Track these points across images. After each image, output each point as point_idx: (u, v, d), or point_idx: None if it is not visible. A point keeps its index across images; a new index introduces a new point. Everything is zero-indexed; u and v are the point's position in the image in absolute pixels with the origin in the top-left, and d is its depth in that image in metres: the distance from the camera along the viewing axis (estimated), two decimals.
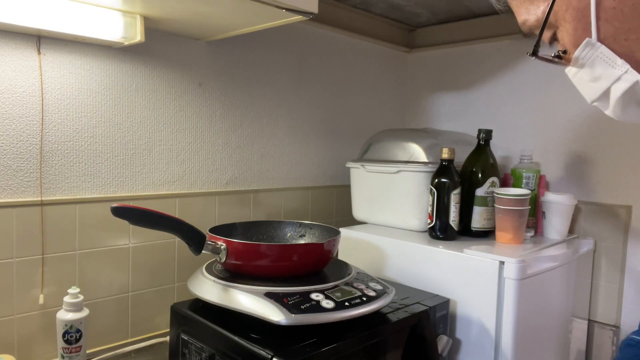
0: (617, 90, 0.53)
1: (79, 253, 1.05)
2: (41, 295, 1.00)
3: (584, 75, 0.56)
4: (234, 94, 1.32)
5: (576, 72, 0.57)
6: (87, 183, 1.07)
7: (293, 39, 1.46)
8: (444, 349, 1.01)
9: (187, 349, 0.90)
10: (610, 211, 1.38)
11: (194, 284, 0.93)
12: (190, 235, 0.87)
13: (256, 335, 0.79)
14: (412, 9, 1.59)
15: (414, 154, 1.32)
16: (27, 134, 0.98)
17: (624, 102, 0.54)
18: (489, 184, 1.24)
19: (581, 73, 0.56)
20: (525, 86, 1.54)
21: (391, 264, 1.24)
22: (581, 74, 0.56)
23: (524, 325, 1.06)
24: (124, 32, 0.99)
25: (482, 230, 1.25)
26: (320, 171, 1.58)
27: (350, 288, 0.89)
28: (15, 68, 0.96)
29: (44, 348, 1.01)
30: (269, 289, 0.84)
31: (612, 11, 0.50)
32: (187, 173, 1.24)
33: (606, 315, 1.40)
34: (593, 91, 0.57)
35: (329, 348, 0.77)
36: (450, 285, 1.11)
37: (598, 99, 0.57)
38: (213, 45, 1.26)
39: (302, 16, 0.95)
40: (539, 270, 1.10)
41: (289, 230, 1.16)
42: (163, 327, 1.17)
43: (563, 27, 0.55)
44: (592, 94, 0.57)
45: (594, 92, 0.56)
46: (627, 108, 0.55)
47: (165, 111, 1.19)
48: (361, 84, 1.70)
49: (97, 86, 1.07)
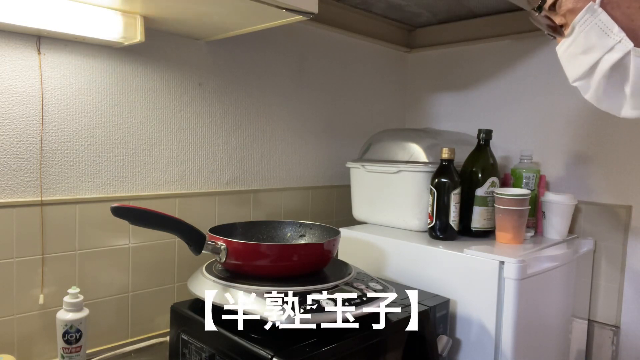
0: (607, 61, 0.54)
1: (79, 253, 1.05)
2: (41, 295, 1.00)
3: (576, 47, 0.57)
4: (234, 94, 1.32)
5: (569, 44, 0.58)
6: (87, 183, 1.07)
7: (293, 39, 1.46)
8: (444, 349, 1.01)
9: (187, 349, 0.90)
10: (610, 211, 1.38)
11: (194, 284, 0.93)
12: (190, 235, 0.87)
13: (256, 335, 0.79)
14: (412, 9, 1.59)
15: (414, 154, 1.32)
16: (27, 134, 0.98)
17: (609, 81, 0.55)
18: (489, 184, 1.24)
19: (574, 45, 0.57)
20: (526, 86, 1.54)
21: (391, 264, 1.24)
22: (573, 46, 0.57)
23: (524, 325, 1.06)
24: (124, 32, 0.99)
25: (482, 230, 1.25)
26: (320, 171, 1.58)
27: (350, 288, 0.89)
28: (15, 68, 0.96)
29: (44, 348, 1.01)
30: (269, 289, 0.84)
31: None
32: (187, 173, 1.24)
33: (606, 315, 1.40)
34: (581, 65, 0.57)
35: (329, 348, 0.77)
36: (450, 285, 1.11)
37: (583, 76, 0.58)
38: (213, 45, 1.26)
39: (302, 16, 0.95)
40: (539, 270, 1.10)
41: (289, 230, 1.16)
42: (163, 327, 1.17)
43: None
44: (579, 68, 0.58)
45: (582, 66, 0.57)
46: (608, 90, 0.56)
47: (165, 111, 1.19)
48: (361, 84, 1.70)
49: (97, 86, 1.07)
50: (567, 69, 0.61)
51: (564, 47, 0.60)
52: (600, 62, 0.55)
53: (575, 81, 0.60)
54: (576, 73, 0.59)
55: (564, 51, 0.60)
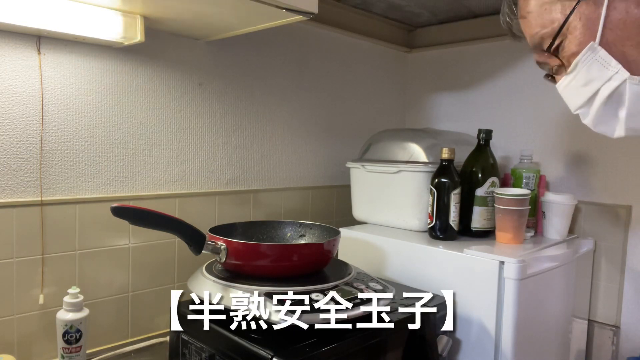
0: (606, 89, 0.63)
1: (79, 253, 1.05)
2: (41, 295, 1.00)
3: (577, 81, 0.66)
4: (234, 94, 1.32)
5: (570, 79, 0.68)
6: (87, 183, 1.07)
7: (293, 39, 1.46)
8: (444, 349, 1.01)
9: (187, 349, 0.90)
10: (610, 211, 1.38)
11: (194, 284, 0.93)
12: (190, 235, 0.87)
13: (256, 335, 0.79)
14: (412, 9, 1.59)
15: (414, 154, 1.32)
16: (27, 134, 0.98)
17: (605, 107, 0.65)
18: (489, 184, 1.24)
19: (575, 79, 0.67)
20: (526, 86, 1.54)
21: (391, 264, 1.24)
22: (575, 81, 0.67)
23: (524, 325, 1.06)
24: (124, 32, 0.99)
25: (482, 230, 1.25)
26: (320, 171, 1.58)
27: (350, 288, 0.89)
28: (15, 68, 0.96)
29: (44, 348, 1.01)
30: (269, 289, 0.84)
31: (617, 22, 0.61)
32: (187, 173, 1.24)
33: (606, 315, 1.40)
34: (582, 95, 0.67)
35: (329, 348, 0.78)
36: (451, 285, 1.11)
37: (584, 104, 0.68)
38: (213, 45, 1.26)
39: (302, 16, 0.95)
40: (539, 270, 1.10)
41: (289, 230, 1.16)
42: (163, 327, 1.17)
43: (572, 35, 0.65)
44: (580, 98, 0.67)
45: (583, 96, 0.67)
46: (605, 115, 0.66)
47: (165, 111, 1.19)
48: (361, 83, 1.70)
49: (97, 86, 1.07)
50: (568, 101, 0.71)
51: (565, 82, 0.69)
52: (599, 90, 0.64)
53: (577, 110, 0.70)
54: (578, 103, 0.69)
55: (565, 86, 0.70)
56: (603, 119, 0.67)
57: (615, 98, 0.64)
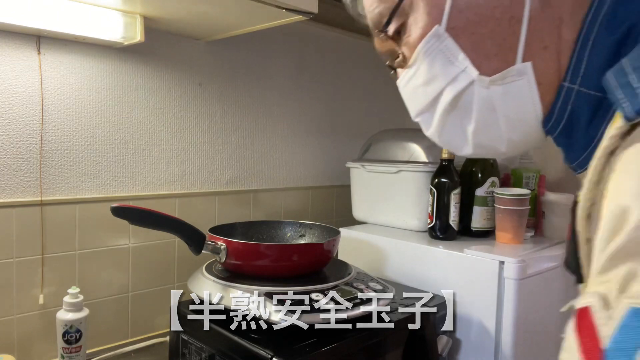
0: (449, 92, 0.47)
1: (79, 253, 1.05)
2: (41, 295, 1.00)
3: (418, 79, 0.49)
4: (234, 94, 1.32)
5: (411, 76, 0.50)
6: (87, 183, 1.07)
7: (293, 39, 1.46)
8: (444, 349, 1.01)
9: (187, 349, 0.90)
10: None
11: (194, 284, 0.93)
12: (190, 235, 0.87)
13: (256, 335, 0.79)
14: None
15: (414, 154, 1.32)
16: (27, 134, 0.98)
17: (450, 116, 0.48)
18: (489, 184, 1.24)
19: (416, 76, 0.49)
20: None
21: (391, 264, 1.24)
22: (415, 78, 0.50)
23: (524, 325, 1.06)
24: (124, 32, 0.99)
25: (482, 230, 1.25)
26: (320, 171, 1.58)
27: (350, 288, 0.89)
28: (15, 68, 0.96)
29: (44, 348, 1.01)
30: (269, 289, 0.84)
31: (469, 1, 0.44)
32: (187, 173, 1.24)
33: None
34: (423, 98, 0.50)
35: (329, 348, 0.77)
36: (450, 285, 1.11)
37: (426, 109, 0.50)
38: (213, 45, 1.26)
39: (302, 16, 0.95)
40: (539, 270, 1.10)
41: (289, 230, 1.16)
42: (163, 327, 1.17)
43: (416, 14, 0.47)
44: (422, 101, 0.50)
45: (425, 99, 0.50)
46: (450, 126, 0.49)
47: (165, 111, 1.19)
48: (361, 83, 1.70)
49: (97, 86, 1.07)
50: (408, 103, 0.54)
51: (405, 79, 0.51)
52: (443, 92, 0.48)
53: (417, 116, 0.52)
54: (418, 107, 0.51)
55: (405, 84, 0.51)
56: (449, 130, 0.49)
57: (462, 104, 0.47)
